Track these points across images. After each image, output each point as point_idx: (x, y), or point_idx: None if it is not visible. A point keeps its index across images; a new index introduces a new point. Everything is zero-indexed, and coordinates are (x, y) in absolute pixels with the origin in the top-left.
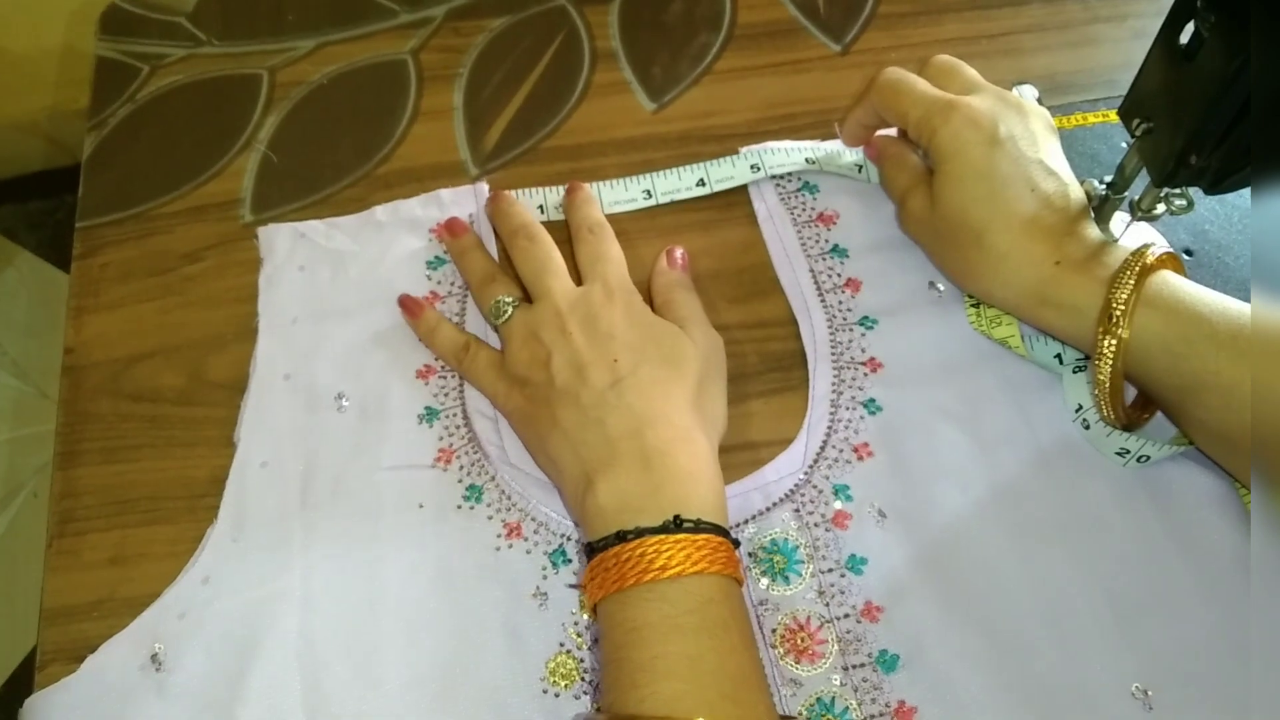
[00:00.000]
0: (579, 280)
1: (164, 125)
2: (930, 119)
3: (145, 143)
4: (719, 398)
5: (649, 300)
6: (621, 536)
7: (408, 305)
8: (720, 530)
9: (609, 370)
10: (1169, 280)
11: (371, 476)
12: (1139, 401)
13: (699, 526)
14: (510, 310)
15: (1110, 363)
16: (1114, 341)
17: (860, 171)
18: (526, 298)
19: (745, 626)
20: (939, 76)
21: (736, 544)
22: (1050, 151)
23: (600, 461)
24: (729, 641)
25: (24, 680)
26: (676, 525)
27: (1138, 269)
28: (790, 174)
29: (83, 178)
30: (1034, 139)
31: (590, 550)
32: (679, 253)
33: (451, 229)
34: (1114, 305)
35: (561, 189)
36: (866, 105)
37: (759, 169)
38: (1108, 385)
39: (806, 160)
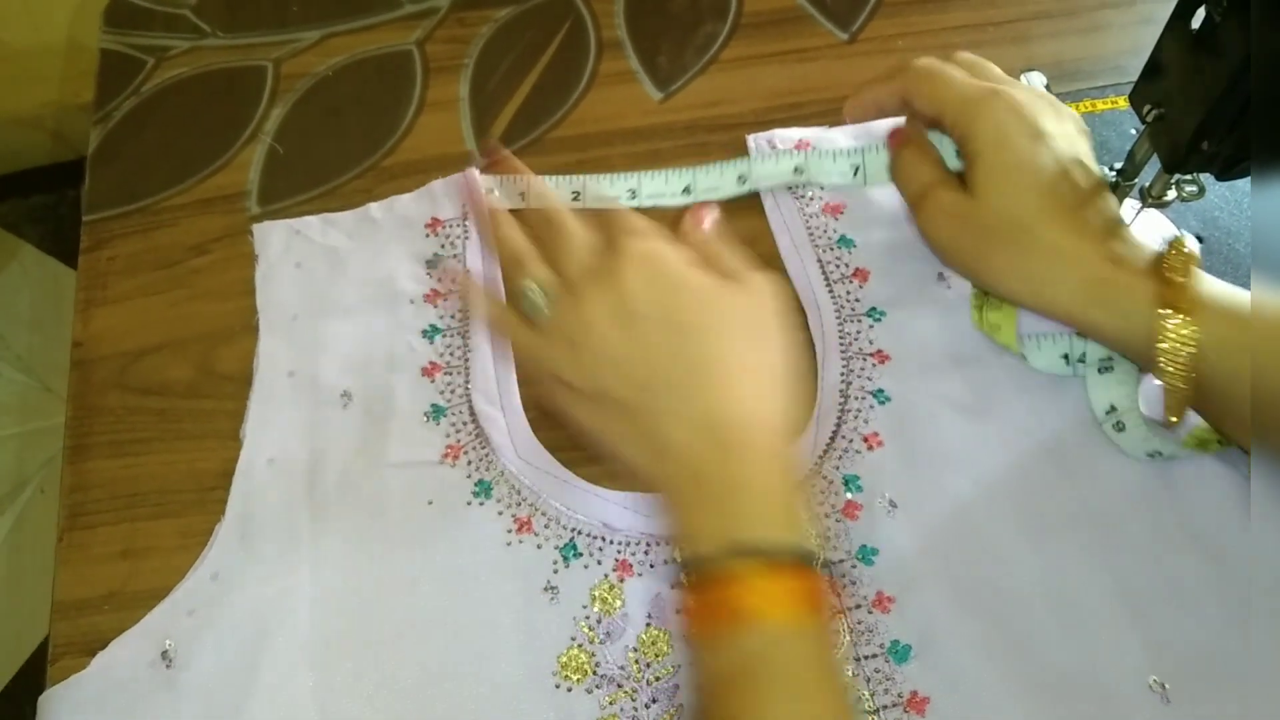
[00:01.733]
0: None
1: (169, 118)
2: (969, 105)
3: (151, 136)
4: (781, 378)
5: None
6: (701, 567)
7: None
8: (805, 554)
9: (659, 376)
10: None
11: (379, 473)
12: None
13: (779, 554)
14: (542, 304)
15: (1181, 343)
16: (1185, 325)
17: (856, 175)
18: None
19: (835, 663)
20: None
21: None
22: (1085, 153)
23: (672, 479)
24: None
25: (33, 673)
26: (755, 553)
27: (1184, 253)
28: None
29: (88, 171)
30: (1070, 139)
31: (682, 568)
32: (710, 218)
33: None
34: (1171, 279)
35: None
36: (893, 89)
37: (745, 180)
38: (1181, 368)
39: (795, 169)
